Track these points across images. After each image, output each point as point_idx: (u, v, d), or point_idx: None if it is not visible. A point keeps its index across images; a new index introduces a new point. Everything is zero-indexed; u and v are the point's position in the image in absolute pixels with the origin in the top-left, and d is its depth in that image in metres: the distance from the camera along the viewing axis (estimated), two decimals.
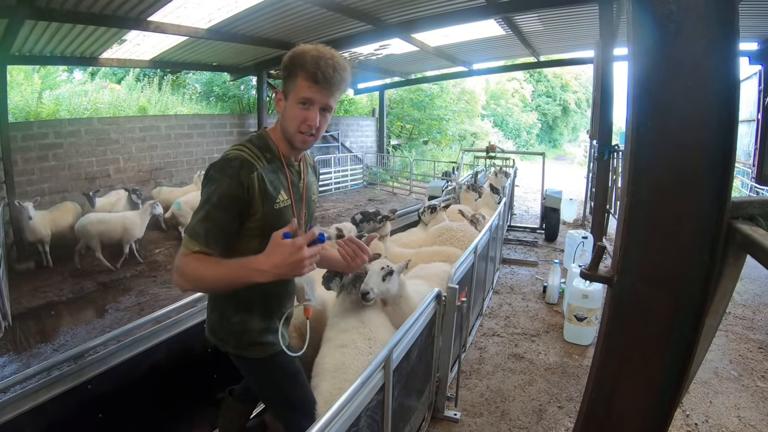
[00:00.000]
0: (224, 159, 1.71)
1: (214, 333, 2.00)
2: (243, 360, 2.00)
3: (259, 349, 1.96)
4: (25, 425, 1.93)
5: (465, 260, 3.85)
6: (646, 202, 1.19)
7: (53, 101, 11.30)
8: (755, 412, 3.70)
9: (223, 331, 1.96)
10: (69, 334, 5.58)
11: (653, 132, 1.16)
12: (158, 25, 8.08)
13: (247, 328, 1.93)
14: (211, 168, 1.72)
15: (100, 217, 7.89)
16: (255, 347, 1.95)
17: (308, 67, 1.68)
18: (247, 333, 1.94)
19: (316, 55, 1.69)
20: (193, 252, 1.62)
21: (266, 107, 13.88)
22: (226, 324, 1.94)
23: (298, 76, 1.71)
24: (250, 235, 1.79)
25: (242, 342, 1.94)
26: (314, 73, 1.68)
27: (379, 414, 2.21)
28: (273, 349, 1.98)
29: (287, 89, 1.75)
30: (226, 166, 1.69)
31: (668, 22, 1.10)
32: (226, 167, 1.69)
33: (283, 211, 1.83)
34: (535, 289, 6.41)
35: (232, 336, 1.95)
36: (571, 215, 10.69)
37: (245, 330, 1.93)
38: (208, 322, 2.03)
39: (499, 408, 3.77)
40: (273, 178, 1.80)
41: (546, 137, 34.95)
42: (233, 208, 1.70)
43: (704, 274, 1.17)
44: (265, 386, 2.10)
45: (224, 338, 1.96)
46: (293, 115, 1.75)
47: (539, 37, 11.05)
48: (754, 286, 6.38)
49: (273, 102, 15.99)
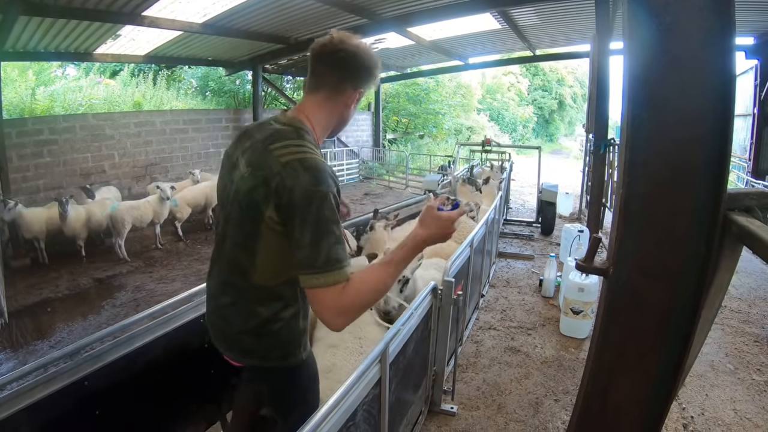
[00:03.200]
0: (318, 170, 1.52)
1: (249, 354, 1.78)
2: (283, 370, 1.80)
3: (303, 351, 1.83)
4: (22, 422, 1.92)
5: (461, 254, 3.85)
6: (642, 195, 1.19)
7: (48, 97, 11.25)
8: (751, 405, 3.72)
9: (263, 348, 1.74)
10: (65, 331, 5.56)
11: (649, 125, 1.16)
12: (153, 19, 8.04)
13: (294, 330, 1.78)
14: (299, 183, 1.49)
15: (132, 203, 8.32)
16: (302, 350, 1.82)
17: (377, 78, 1.78)
18: (296, 334, 1.80)
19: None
20: (346, 282, 1.49)
21: (262, 102, 13.82)
22: (269, 337, 1.73)
23: (372, 83, 1.77)
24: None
25: (290, 347, 1.78)
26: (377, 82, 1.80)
27: (375, 408, 2.21)
28: (308, 348, 1.89)
29: (365, 91, 1.79)
30: (325, 177, 1.53)
31: (664, 14, 1.10)
32: (325, 178, 1.53)
33: None
34: (531, 282, 6.42)
35: (277, 347, 1.75)
36: (567, 209, 10.71)
37: (293, 331, 1.78)
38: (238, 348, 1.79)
39: (495, 401, 3.79)
40: None
41: (542, 131, 34.93)
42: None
43: (700, 266, 1.17)
44: (297, 391, 1.90)
45: (265, 355, 1.76)
46: (353, 113, 1.83)
47: (535, 31, 11.03)
48: (749, 280, 6.40)
49: (268, 96, 16.05)
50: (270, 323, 1.71)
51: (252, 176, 1.57)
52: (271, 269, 1.64)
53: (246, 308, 1.71)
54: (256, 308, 1.69)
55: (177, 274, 7.41)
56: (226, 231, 1.72)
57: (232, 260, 1.71)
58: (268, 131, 1.66)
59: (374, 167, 17.68)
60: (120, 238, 7.98)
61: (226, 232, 1.72)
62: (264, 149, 1.59)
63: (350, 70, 1.70)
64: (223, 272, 1.77)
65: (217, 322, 1.84)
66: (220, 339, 1.84)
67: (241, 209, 1.62)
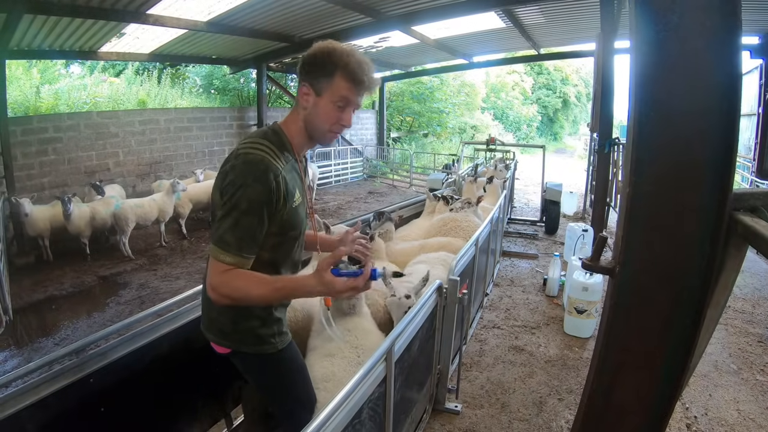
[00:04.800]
0: (249, 162, 1.65)
1: (225, 336, 1.92)
2: (258, 357, 1.94)
3: (279, 340, 1.95)
4: (27, 420, 1.93)
5: (466, 252, 3.85)
6: (648, 193, 1.19)
7: (52, 95, 11.27)
8: (754, 406, 3.71)
9: (239, 333, 1.89)
10: (70, 328, 5.58)
11: (655, 123, 1.15)
12: (157, 18, 8.04)
13: (268, 321, 1.92)
14: (233, 171, 1.65)
15: (136, 201, 8.37)
16: (278, 338, 1.95)
17: (351, 68, 1.71)
18: (267, 326, 1.91)
19: (359, 59, 1.73)
20: (226, 264, 1.62)
21: (266, 100, 13.83)
22: (244, 324, 1.88)
23: (337, 76, 1.71)
24: (267, 233, 1.75)
25: (262, 337, 1.91)
26: (358, 76, 1.72)
27: (381, 406, 2.22)
28: (287, 339, 2.00)
29: (320, 86, 1.74)
30: (253, 170, 1.64)
31: (670, 13, 1.10)
32: (254, 171, 1.64)
33: (298, 209, 1.84)
34: (535, 281, 6.42)
35: (250, 334, 1.89)
36: (572, 208, 10.69)
37: (265, 323, 1.91)
38: (214, 327, 1.94)
39: (499, 400, 3.79)
40: (290, 178, 1.78)
41: (546, 130, 34.85)
42: (263, 213, 1.67)
43: (706, 266, 1.17)
44: (276, 380, 2.04)
45: (240, 339, 1.91)
46: (327, 112, 1.77)
47: (540, 30, 11.00)
48: (754, 280, 6.38)
49: (273, 95, 16.07)
50: (240, 315, 1.85)
51: (220, 172, 1.72)
52: None
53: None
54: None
55: (181, 271, 7.43)
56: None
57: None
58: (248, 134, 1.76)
59: (378, 166, 17.69)
60: (124, 236, 8.00)
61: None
62: (236, 149, 1.73)
63: (300, 71, 1.78)
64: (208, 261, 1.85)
65: (203, 308, 2.00)
66: (206, 324, 1.99)
67: (213, 202, 1.74)
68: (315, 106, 1.77)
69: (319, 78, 1.73)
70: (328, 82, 1.72)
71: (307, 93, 1.76)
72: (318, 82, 1.74)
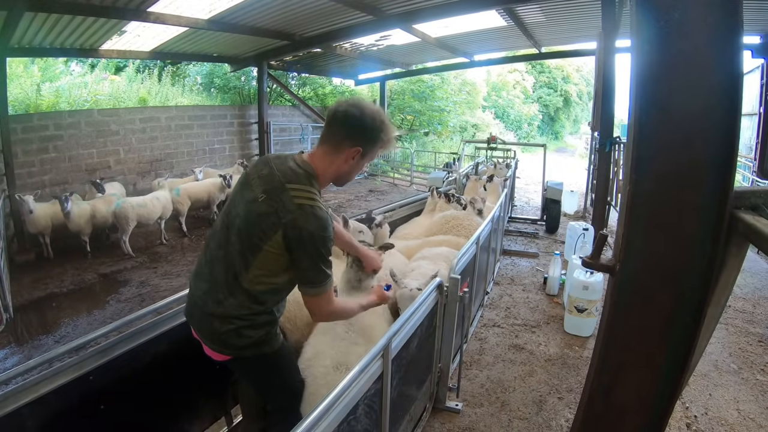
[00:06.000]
0: (323, 215, 1.95)
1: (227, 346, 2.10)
2: (257, 359, 2.14)
3: (276, 340, 2.18)
4: (27, 417, 1.93)
5: (467, 251, 3.84)
6: (649, 191, 1.18)
7: (53, 93, 11.23)
8: (754, 405, 3.71)
9: (246, 337, 2.07)
10: (70, 326, 5.59)
11: (656, 122, 1.15)
12: (158, 15, 8.03)
13: (271, 323, 2.14)
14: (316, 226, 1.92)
15: (138, 200, 8.35)
16: (275, 338, 2.17)
17: (388, 142, 2.10)
18: (272, 326, 2.16)
19: (392, 130, 2.11)
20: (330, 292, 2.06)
21: (267, 98, 13.82)
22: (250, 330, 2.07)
23: (379, 146, 2.08)
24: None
25: (266, 336, 2.12)
26: (389, 147, 2.13)
27: (377, 403, 2.21)
28: (280, 338, 2.24)
29: (367, 149, 2.06)
30: (329, 226, 1.97)
31: (671, 11, 1.10)
32: (329, 227, 1.97)
33: None
34: (535, 280, 6.42)
35: (256, 337, 2.09)
36: (572, 207, 10.68)
37: (270, 325, 2.14)
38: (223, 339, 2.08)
39: (499, 398, 3.79)
40: None
41: (547, 129, 34.84)
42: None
43: (707, 264, 1.16)
44: (272, 378, 2.23)
45: (244, 345, 2.08)
46: (359, 169, 2.16)
47: (541, 29, 10.98)
48: (754, 280, 6.38)
49: (273, 93, 16.05)
50: (248, 327, 2.06)
51: (266, 204, 1.94)
52: (259, 279, 2.00)
53: (230, 307, 2.03)
54: (239, 309, 2.03)
55: (181, 269, 7.43)
56: (229, 237, 2.03)
57: (230, 262, 2.02)
58: (285, 167, 2.02)
59: (379, 164, 17.66)
60: (125, 234, 7.99)
61: (229, 239, 2.03)
62: (281, 185, 1.95)
63: (348, 128, 2.01)
64: (216, 272, 2.06)
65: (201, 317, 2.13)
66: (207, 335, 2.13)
67: (249, 226, 1.97)
68: (357, 164, 2.09)
69: (370, 144, 2.06)
70: (373, 147, 2.08)
71: (357, 154, 2.05)
72: (368, 146, 2.05)
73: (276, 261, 1.97)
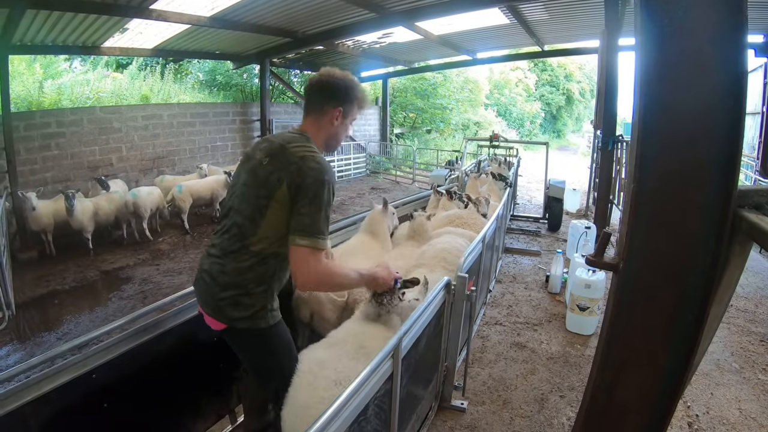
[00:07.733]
0: (324, 162, 2.07)
1: (227, 314, 2.12)
2: (250, 332, 2.15)
3: (271, 315, 2.18)
4: (30, 415, 1.93)
5: (474, 249, 3.83)
6: (653, 190, 1.18)
7: (55, 90, 11.26)
8: (756, 405, 3.70)
9: (243, 307, 2.10)
10: (72, 323, 5.60)
11: (660, 121, 1.15)
12: (160, 13, 8.04)
13: (268, 295, 2.15)
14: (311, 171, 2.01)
15: (151, 189, 8.92)
16: (270, 314, 2.17)
17: (362, 99, 2.29)
18: (268, 299, 2.16)
19: (363, 90, 2.30)
20: (323, 250, 2.01)
21: (269, 95, 13.83)
22: (247, 299, 2.10)
23: (355, 104, 2.27)
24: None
25: (262, 310, 2.13)
26: (364, 104, 2.32)
27: (387, 403, 2.20)
28: (278, 316, 2.23)
29: (347, 108, 2.24)
30: (329, 169, 2.06)
31: (675, 9, 1.09)
32: (329, 170, 2.07)
33: None
34: (537, 278, 6.41)
35: (252, 307, 2.11)
36: (574, 205, 10.68)
37: (267, 296, 2.15)
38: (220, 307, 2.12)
39: (501, 396, 3.79)
40: None
41: (549, 127, 34.79)
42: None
43: (710, 263, 1.16)
44: (266, 357, 2.25)
45: (243, 315, 2.10)
46: (345, 130, 2.31)
47: (544, 26, 10.96)
48: (756, 279, 6.37)
49: (276, 90, 16.06)
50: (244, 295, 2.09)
51: (270, 164, 2.07)
52: (267, 238, 2.07)
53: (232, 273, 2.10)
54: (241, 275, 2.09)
55: (183, 266, 7.44)
56: (233, 204, 2.17)
57: (236, 229, 2.11)
58: (283, 136, 2.19)
59: (381, 161, 17.68)
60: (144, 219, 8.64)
61: (232, 205, 2.17)
62: (281, 147, 2.10)
63: (326, 93, 2.21)
64: (224, 242, 2.15)
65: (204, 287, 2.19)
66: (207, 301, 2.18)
67: (256, 188, 2.08)
68: (342, 124, 2.26)
69: (348, 106, 2.24)
70: (351, 108, 2.26)
71: (339, 116, 2.23)
72: (346, 108, 2.24)
73: (282, 218, 2.04)
